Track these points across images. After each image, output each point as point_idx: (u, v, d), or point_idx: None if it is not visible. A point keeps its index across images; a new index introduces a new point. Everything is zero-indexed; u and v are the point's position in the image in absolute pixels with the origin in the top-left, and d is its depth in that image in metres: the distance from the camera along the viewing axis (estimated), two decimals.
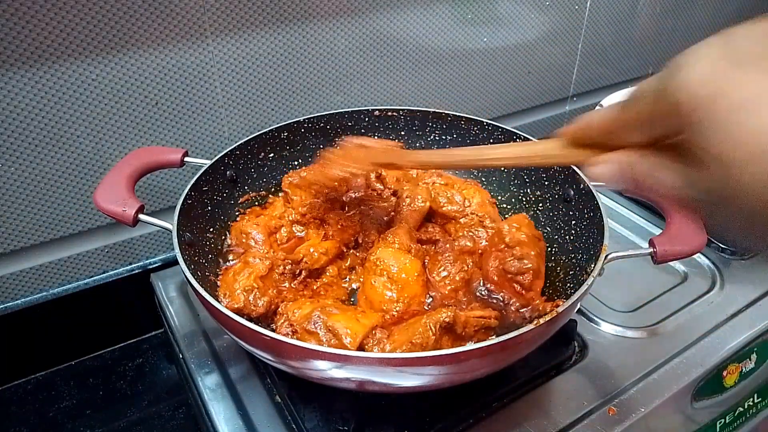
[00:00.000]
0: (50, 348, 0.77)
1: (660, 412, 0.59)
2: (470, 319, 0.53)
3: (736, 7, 1.29)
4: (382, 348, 0.51)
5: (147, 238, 0.80)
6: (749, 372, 0.69)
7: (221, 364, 0.63)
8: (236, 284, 0.58)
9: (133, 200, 0.59)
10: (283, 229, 0.67)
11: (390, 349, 0.51)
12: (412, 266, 0.60)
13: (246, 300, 0.57)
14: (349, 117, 0.79)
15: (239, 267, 0.60)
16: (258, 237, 0.66)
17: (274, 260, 0.61)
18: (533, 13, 0.98)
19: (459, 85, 0.97)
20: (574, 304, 0.50)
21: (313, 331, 0.52)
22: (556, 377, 0.61)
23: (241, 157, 0.71)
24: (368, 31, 0.83)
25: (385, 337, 0.52)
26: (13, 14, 0.60)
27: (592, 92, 1.18)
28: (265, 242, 0.66)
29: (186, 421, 0.72)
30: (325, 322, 0.52)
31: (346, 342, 0.51)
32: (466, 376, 0.50)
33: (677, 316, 0.69)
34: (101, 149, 0.71)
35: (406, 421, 0.55)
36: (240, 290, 0.57)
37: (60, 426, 0.71)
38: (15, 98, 0.64)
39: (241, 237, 0.66)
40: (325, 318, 0.52)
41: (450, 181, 0.74)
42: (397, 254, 0.61)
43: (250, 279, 0.58)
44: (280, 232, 0.67)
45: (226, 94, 0.77)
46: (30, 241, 0.71)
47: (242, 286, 0.58)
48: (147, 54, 0.69)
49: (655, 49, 1.23)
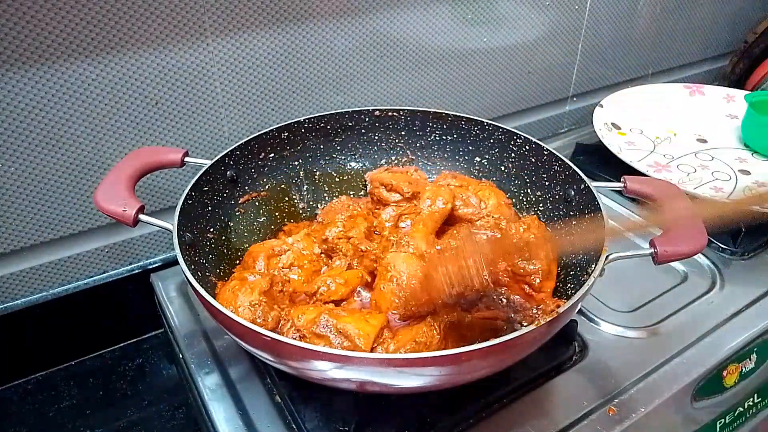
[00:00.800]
0: (50, 348, 0.77)
1: (660, 412, 0.59)
2: (476, 320, 0.53)
3: (736, 7, 1.29)
4: (386, 348, 0.51)
5: (147, 238, 0.80)
6: (749, 372, 0.69)
7: (221, 365, 0.63)
8: (239, 300, 0.55)
9: (133, 200, 0.59)
10: (290, 254, 0.64)
11: (394, 349, 0.51)
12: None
13: (254, 314, 0.55)
14: (350, 117, 0.79)
15: (236, 284, 0.58)
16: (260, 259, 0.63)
17: (273, 277, 0.59)
18: (533, 13, 0.98)
19: (459, 85, 0.97)
20: (575, 305, 0.50)
21: (322, 334, 0.51)
22: (557, 377, 0.61)
23: (241, 157, 0.71)
24: (368, 31, 0.83)
25: (390, 337, 0.52)
26: (13, 14, 0.60)
27: (592, 92, 1.18)
28: (264, 264, 0.63)
29: (186, 421, 0.72)
30: (335, 325, 0.51)
31: (360, 343, 0.50)
32: (467, 376, 0.50)
33: (677, 316, 0.69)
34: (101, 149, 0.71)
35: (406, 421, 0.55)
36: (246, 306, 0.55)
37: (60, 426, 0.71)
38: (15, 98, 0.64)
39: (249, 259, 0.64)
40: (334, 321, 0.52)
41: (465, 182, 0.74)
42: (408, 259, 0.59)
43: (255, 294, 0.56)
44: (287, 255, 0.64)
45: (227, 94, 0.77)
46: (30, 241, 0.71)
47: (248, 300, 0.55)
48: (147, 54, 0.69)
49: (655, 49, 1.23)
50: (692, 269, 0.77)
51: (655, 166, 0.96)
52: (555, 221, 0.70)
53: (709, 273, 0.76)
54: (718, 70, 1.39)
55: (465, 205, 0.70)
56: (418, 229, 0.64)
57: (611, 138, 1.00)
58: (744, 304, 0.71)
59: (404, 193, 0.71)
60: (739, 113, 1.07)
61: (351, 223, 0.67)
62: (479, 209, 0.69)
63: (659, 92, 1.14)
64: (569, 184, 0.68)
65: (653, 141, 1.04)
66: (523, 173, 0.75)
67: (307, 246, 0.66)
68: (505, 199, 0.72)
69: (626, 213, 0.88)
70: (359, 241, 0.65)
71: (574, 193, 0.67)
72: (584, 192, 0.65)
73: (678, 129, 1.08)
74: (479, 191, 0.71)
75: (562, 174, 0.69)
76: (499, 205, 0.70)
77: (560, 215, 0.69)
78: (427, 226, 0.65)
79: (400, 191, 0.72)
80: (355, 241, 0.65)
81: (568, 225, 0.67)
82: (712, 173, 0.95)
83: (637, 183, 0.64)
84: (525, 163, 0.75)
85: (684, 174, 0.95)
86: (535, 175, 0.74)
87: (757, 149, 1.01)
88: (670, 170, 0.96)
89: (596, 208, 0.62)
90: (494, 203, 0.70)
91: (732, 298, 0.72)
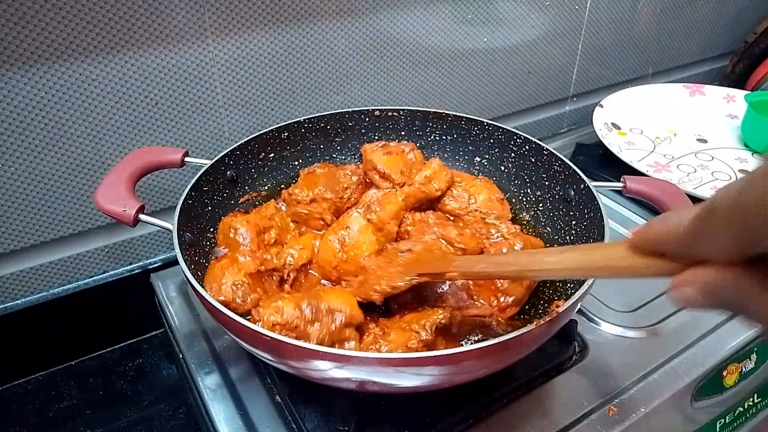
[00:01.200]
0: (50, 348, 0.77)
1: (660, 412, 0.59)
2: (466, 318, 0.53)
3: (737, 7, 1.29)
4: (378, 349, 0.51)
5: (147, 238, 0.80)
6: (749, 372, 0.69)
7: (221, 364, 0.63)
8: (224, 278, 0.56)
9: (133, 200, 0.59)
10: (272, 231, 0.66)
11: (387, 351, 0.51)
12: (368, 247, 0.59)
13: (234, 294, 0.56)
14: (350, 117, 0.79)
15: (226, 262, 0.58)
16: (246, 234, 0.63)
17: (263, 260, 0.60)
18: (533, 14, 0.98)
19: (459, 85, 0.98)
20: (575, 305, 0.50)
21: (313, 320, 0.51)
22: (557, 377, 0.61)
23: (241, 157, 0.71)
24: (368, 31, 0.83)
25: (380, 337, 0.52)
26: (13, 14, 0.60)
27: (592, 92, 1.18)
28: (253, 241, 0.64)
29: (186, 421, 0.72)
30: (320, 308, 0.51)
31: (354, 312, 0.50)
32: (467, 376, 0.50)
33: (677, 316, 0.69)
34: (101, 149, 0.71)
35: (406, 421, 0.55)
36: (229, 284, 0.56)
37: (60, 426, 0.71)
38: (15, 98, 0.64)
39: (229, 232, 0.64)
40: (316, 303, 0.51)
41: (460, 177, 0.73)
42: (363, 229, 0.59)
43: (240, 274, 0.57)
44: (269, 233, 0.65)
45: (227, 94, 0.77)
46: (30, 241, 0.71)
47: (231, 280, 0.56)
48: (147, 54, 0.69)
49: (655, 49, 1.23)
50: None
51: (655, 166, 0.96)
52: (555, 221, 0.70)
53: None
54: (718, 70, 1.39)
55: (453, 199, 0.70)
56: (395, 200, 0.63)
57: (611, 138, 1.00)
58: None
59: (395, 182, 0.70)
60: (739, 113, 1.07)
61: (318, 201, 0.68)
62: (468, 204, 0.69)
63: (659, 92, 1.14)
64: (569, 184, 0.68)
65: (653, 141, 1.04)
66: (523, 173, 0.75)
67: (283, 220, 0.68)
68: (497, 194, 0.71)
69: (626, 213, 0.88)
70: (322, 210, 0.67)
71: (574, 192, 0.67)
72: (584, 192, 0.65)
73: (678, 129, 1.08)
74: (471, 186, 0.71)
75: (562, 174, 0.69)
76: (489, 200, 0.70)
77: (560, 215, 0.69)
78: (407, 201, 0.64)
79: (390, 180, 0.70)
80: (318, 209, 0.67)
81: (568, 225, 0.67)
82: (712, 173, 0.95)
83: (636, 183, 0.64)
84: (525, 162, 0.75)
85: (684, 174, 0.95)
86: (535, 175, 0.74)
87: (757, 149, 1.01)
88: (670, 170, 0.96)
89: (596, 207, 0.62)
90: (484, 198, 0.70)
91: None
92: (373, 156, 0.71)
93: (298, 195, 0.67)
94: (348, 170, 0.72)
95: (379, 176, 0.70)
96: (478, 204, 0.69)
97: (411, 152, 0.73)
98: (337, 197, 0.68)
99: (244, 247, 0.63)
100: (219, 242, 0.65)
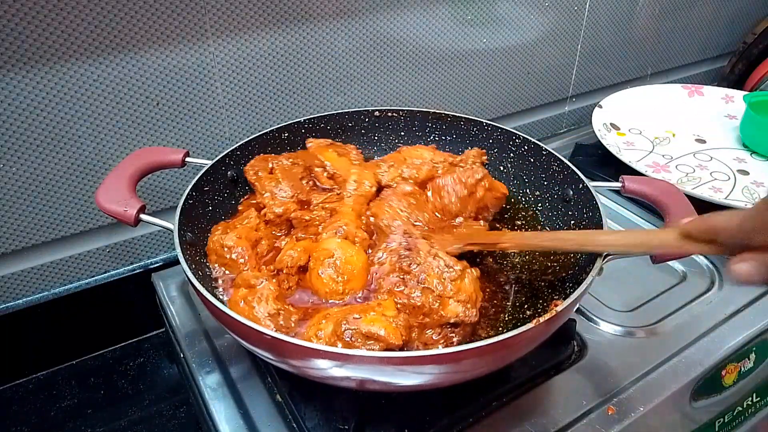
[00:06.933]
0: (51, 347, 0.77)
1: (659, 412, 0.59)
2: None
3: (735, 8, 1.30)
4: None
5: (148, 238, 0.81)
6: (748, 371, 0.69)
7: (222, 364, 0.64)
8: (257, 313, 0.53)
9: (134, 200, 0.59)
10: (263, 241, 0.63)
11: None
12: (358, 258, 0.59)
13: (277, 324, 0.53)
14: (350, 117, 0.79)
15: (245, 293, 0.55)
16: (242, 251, 0.60)
17: (277, 277, 0.58)
18: (533, 14, 0.99)
19: (459, 85, 0.98)
20: (573, 304, 0.50)
21: (352, 343, 0.50)
22: (556, 376, 0.61)
23: (242, 157, 0.71)
24: (368, 31, 0.84)
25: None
26: (14, 14, 0.60)
27: (591, 93, 1.18)
28: (251, 258, 0.60)
29: (187, 421, 0.72)
30: (359, 332, 0.50)
31: (393, 340, 0.49)
32: (466, 374, 0.50)
33: (676, 316, 0.69)
34: (102, 149, 0.71)
35: (406, 421, 0.55)
36: (265, 317, 0.53)
37: (61, 425, 0.71)
38: (16, 98, 0.64)
39: (223, 252, 0.60)
40: (355, 327, 0.50)
41: (400, 156, 0.73)
42: (343, 246, 0.60)
43: (270, 302, 0.54)
44: (261, 244, 0.63)
45: (227, 94, 0.77)
46: (31, 241, 0.72)
47: (264, 312, 0.53)
48: (148, 54, 0.69)
49: (655, 49, 1.23)
50: (691, 269, 0.77)
51: (654, 167, 0.97)
52: (554, 221, 0.70)
53: (708, 272, 0.76)
54: (716, 70, 1.39)
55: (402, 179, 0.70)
56: (347, 213, 0.64)
57: (610, 138, 1.00)
58: (743, 303, 0.71)
59: (332, 186, 0.70)
60: (738, 114, 1.08)
61: None
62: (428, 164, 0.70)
63: (658, 93, 1.14)
64: (568, 184, 0.68)
65: (652, 141, 1.04)
66: (522, 173, 0.76)
67: (266, 228, 0.66)
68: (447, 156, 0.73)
69: (625, 213, 0.88)
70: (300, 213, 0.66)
71: (572, 192, 0.67)
72: (583, 192, 0.65)
73: (677, 129, 1.08)
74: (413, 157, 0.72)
75: (560, 174, 0.70)
76: (432, 150, 0.73)
77: (559, 215, 0.70)
78: (355, 210, 0.65)
79: (335, 180, 0.70)
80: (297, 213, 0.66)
81: (567, 225, 0.67)
82: (711, 173, 0.95)
83: (635, 183, 0.64)
84: (524, 163, 0.75)
85: (683, 174, 0.95)
86: (534, 175, 0.74)
87: (756, 149, 1.01)
88: (668, 170, 0.96)
89: (595, 207, 0.62)
90: (430, 156, 0.72)
91: (731, 298, 0.72)
92: (323, 153, 0.73)
93: (273, 207, 0.65)
94: (286, 159, 0.71)
95: (327, 175, 0.70)
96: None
97: (356, 153, 0.75)
98: (297, 190, 0.67)
99: (245, 267, 0.60)
100: (211, 262, 0.61)
